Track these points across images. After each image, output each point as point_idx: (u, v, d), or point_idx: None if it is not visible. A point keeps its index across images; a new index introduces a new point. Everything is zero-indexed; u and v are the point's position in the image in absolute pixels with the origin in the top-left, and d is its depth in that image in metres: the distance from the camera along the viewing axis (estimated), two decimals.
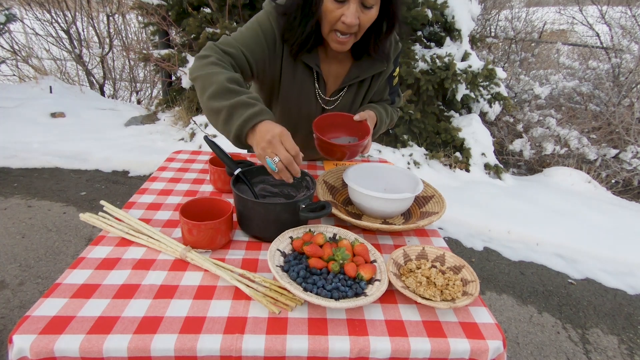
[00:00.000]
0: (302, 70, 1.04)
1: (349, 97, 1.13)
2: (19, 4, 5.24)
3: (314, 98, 1.10)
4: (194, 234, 0.80)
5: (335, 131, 1.10)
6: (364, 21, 0.88)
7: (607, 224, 2.91)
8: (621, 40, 4.59)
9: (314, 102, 1.11)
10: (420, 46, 3.72)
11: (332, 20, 0.88)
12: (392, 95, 1.21)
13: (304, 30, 0.93)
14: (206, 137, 0.98)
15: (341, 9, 0.85)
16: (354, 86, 1.11)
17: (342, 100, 1.12)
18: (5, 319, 1.69)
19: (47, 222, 2.42)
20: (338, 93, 1.11)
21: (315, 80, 1.07)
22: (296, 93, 1.08)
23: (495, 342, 0.66)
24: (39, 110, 4.04)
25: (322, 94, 1.10)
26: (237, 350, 0.61)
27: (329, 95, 1.11)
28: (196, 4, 3.66)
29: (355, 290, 0.72)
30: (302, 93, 1.08)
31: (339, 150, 1.02)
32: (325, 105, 1.12)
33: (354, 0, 0.84)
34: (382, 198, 0.94)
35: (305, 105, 1.11)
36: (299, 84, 1.06)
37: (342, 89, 1.10)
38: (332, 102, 1.12)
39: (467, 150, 3.58)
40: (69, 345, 0.59)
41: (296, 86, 1.07)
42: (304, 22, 0.92)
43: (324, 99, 1.11)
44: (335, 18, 0.87)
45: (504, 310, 2.05)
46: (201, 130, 3.62)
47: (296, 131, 1.22)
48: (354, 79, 1.08)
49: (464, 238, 2.67)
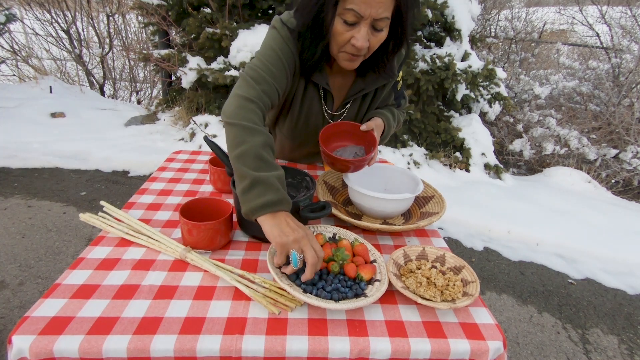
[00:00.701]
0: (310, 88, 1.05)
1: (353, 109, 1.13)
2: (19, 4, 5.24)
3: (320, 114, 1.11)
4: (194, 234, 0.80)
5: (341, 140, 1.08)
6: (373, 43, 0.87)
7: (607, 224, 2.91)
8: (621, 40, 4.59)
9: (320, 117, 1.12)
10: (420, 46, 3.72)
11: (342, 43, 0.87)
12: (398, 99, 1.21)
13: (314, 51, 0.92)
14: (206, 137, 0.98)
15: (351, 31, 0.84)
16: (358, 98, 1.11)
17: (347, 113, 1.13)
18: (5, 319, 1.69)
19: (47, 222, 2.42)
20: (343, 107, 1.11)
21: (322, 98, 1.07)
22: (305, 110, 1.09)
23: (495, 342, 0.66)
24: (39, 110, 4.03)
25: (329, 110, 1.11)
26: (236, 351, 0.61)
27: (335, 109, 1.12)
28: (196, 4, 3.66)
29: (355, 291, 0.71)
30: (310, 110, 1.09)
31: (343, 164, 0.99)
32: (331, 119, 1.13)
33: (365, 24, 0.82)
34: (382, 198, 0.94)
35: (313, 121, 1.12)
36: (307, 101, 1.07)
37: (347, 103, 1.10)
38: (337, 116, 1.13)
39: (467, 150, 3.58)
40: (68, 346, 0.58)
41: (305, 103, 1.07)
42: (314, 44, 0.91)
43: (329, 114, 1.12)
44: (345, 40, 0.86)
45: (504, 310, 2.05)
46: (201, 130, 3.62)
47: (303, 144, 1.23)
48: (358, 92, 1.07)
49: (464, 238, 2.67)
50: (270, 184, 0.76)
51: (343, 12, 0.81)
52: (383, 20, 0.82)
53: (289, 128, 1.16)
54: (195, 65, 3.58)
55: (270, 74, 0.91)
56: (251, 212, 0.76)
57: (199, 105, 3.89)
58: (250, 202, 0.76)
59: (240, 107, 0.85)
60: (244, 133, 0.82)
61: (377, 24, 0.83)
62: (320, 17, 0.85)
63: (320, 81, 1.01)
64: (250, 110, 0.85)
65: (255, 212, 0.75)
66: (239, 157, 0.79)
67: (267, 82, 0.90)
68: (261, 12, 3.75)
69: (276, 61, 0.92)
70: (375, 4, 0.79)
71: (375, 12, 0.80)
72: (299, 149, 1.27)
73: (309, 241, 0.72)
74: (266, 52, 0.94)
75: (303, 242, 0.71)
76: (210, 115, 3.73)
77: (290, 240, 0.71)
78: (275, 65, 0.92)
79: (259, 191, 0.76)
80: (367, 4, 0.79)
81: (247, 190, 0.76)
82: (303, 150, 1.28)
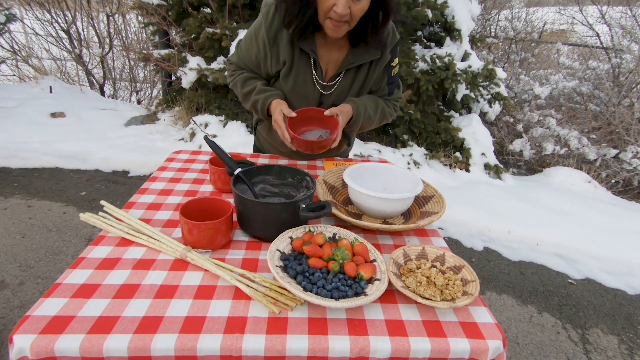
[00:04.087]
0: (299, 56, 1.11)
1: (346, 82, 1.17)
2: (19, 4, 5.24)
3: (311, 83, 1.15)
4: (194, 234, 0.80)
5: (309, 125, 1.16)
6: (355, 11, 0.94)
7: (607, 224, 2.91)
8: (621, 40, 4.59)
9: (311, 87, 1.16)
10: (420, 46, 3.72)
11: (326, 9, 0.95)
12: (391, 85, 1.25)
13: (302, 18, 1.00)
14: (206, 137, 0.99)
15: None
16: (351, 72, 1.16)
17: (339, 85, 1.17)
18: (5, 319, 1.69)
19: (47, 222, 2.42)
20: (335, 78, 1.16)
21: (313, 66, 1.13)
22: (294, 76, 1.14)
23: (495, 341, 0.66)
24: (39, 110, 4.04)
25: (320, 79, 1.15)
26: (237, 350, 0.61)
27: (327, 80, 1.16)
28: (196, 4, 3.66)
29: (355, 290, 0.71)
30: (299, 76, 1.14)
31: (304, 145, 1.08)
32: (323, 90, 1.17)
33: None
34: (382, 198, 0.94)
35: (303, 89, 1.17)
36: (296, 69, 1.13)
37: (339, 74, 1.15)
38: (329, 87, 1.17)
39: (467, 150, 3.58)
40: (69, 345, 0.59)
41: (294, 71, 1.13)
42: (302, 11, 0.98)
43: (321, 84, 1.16)
44: (328, 7, 0.94)
45: (504, 310, 2.05)
46: (201, 130, 3.62)
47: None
48: (350, 64, 1.12)
49: (464, 238, 2.67)
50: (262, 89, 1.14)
51: None
52: None
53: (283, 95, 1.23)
54: (195, 65, 3.58)
55: (243, 52, 1.18)
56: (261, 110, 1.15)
57: (199, 105, 3.89)
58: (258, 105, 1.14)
59: (232, 75, 1.18)
60: (246, 83, 1.15)
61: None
62: None
63: (306, 48, 1.07)
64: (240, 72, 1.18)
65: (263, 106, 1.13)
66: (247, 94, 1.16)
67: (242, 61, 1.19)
68: None
69: (249, 43, 1.15)
70: None
71: None
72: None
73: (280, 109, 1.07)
74: (245, 37, 1.17)
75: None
76: (210, 115, 3.73)
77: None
78: (247, 48, 1.15)
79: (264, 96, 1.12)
80: None
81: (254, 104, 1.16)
82: None
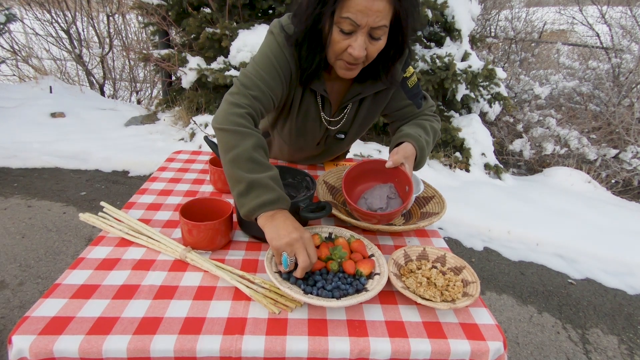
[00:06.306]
0: (308, 95, 1.03)
1: (351, 112, 1.10)
2: (19, 4, 5.24)
3: (318, 120, 1.09)
4: (194, 234, 0.80)
5: (367, 180, 1.00)
6: (371, 52, 0.85)
7: (607, 224, 2.90)
8: (621, 40, 4.58)
9: (318, 123, 1.10)
10: (420, 46, 3.72)
11: (339, 51, 0.85)
12: (415, 98, 1.09)
13: (313, 60, 0.91)
14: (206, 137, 0.98)
15: (348, 40, 0.82)
16: (356, 102, 1.08)
17: (346, 117, 1.10)
18: (5, 319, 1.69)
19: (47, 222, 2.42)
20: (342, 112, 1.09)
21: (320, 104, 1.06)
22: (302, 116, 1.08)
23: (495, 343, 0.66)
24: (39, 110, 4.03)
25: (327, 115, 1.09)
26: (236, 351, 0.61)
27: (333, 115, 1.10)
28: (196, 4, 3.66)
29: (356, 287, 0.72)
30: (307, 116, 1.08)
31: (365, 216, 0.89)
32: (329, 125, 1.12)
33: (362, 32, 0.80)
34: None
35: (310, 126, 1.11)
36: (305, 107, 1.06)
37: (346, 107, 1.08)
38: (335, 122, 1.11)
39: (467, 150, 3.58)
40: (68, 346, 0.58)
41: (302, 110, 1.06)
42: (312, 53, 0.90)
43: (327, 120, 1.10)
44: (342, 49, 0.84)
45: (504, 310, 2.05)
46: (201, 130, 3.61)
47: (302, 149, 1.23)
48: (355, 96, 1.04)
49: (464, 238, 2.67)
50: (266, 184, 0.77)
51: (340, 21, 0.79)
52: (381, 29, 0.80)
53: (287, 133, 1.15)
54: (195, 65, 3.58)
55: (263, 81, 0.90)
56: (250, 213, 0.76)
57: (199, 105, 3.89)
58: (248, 204, 0.76)
59: (229, 112, 0.85)
60: (234, 137, 0.81)
61: (374, 32, 0.80)
62: (317, 26, 0.84)
63: (318, 88, 0.99)
64: (240, 115, 0.85)
65: (253, 213, 0.76)
66: (232, 161, 0.80)
67: (259, 88, 0.90)
68: (261, 12, 3.75)
69: (270, 69, 0.91)
70: (372, 12, 0.76)
71: (373, 21, 0.78)
72: (298, 152, 1.26)
73: (303, 244, 0.72)
74: (261, 59, 0.93)
75: (296, 245, 0.71)
76: (210, 115, 3.73)
77: (283, 243, 0.71)
78: (269, 72, 0.91)
79: (255, 193, 0.76)
80: (364, 12, 0.76)
81: (244, 193, 0.77)
82: (302, 154, 1.28)
